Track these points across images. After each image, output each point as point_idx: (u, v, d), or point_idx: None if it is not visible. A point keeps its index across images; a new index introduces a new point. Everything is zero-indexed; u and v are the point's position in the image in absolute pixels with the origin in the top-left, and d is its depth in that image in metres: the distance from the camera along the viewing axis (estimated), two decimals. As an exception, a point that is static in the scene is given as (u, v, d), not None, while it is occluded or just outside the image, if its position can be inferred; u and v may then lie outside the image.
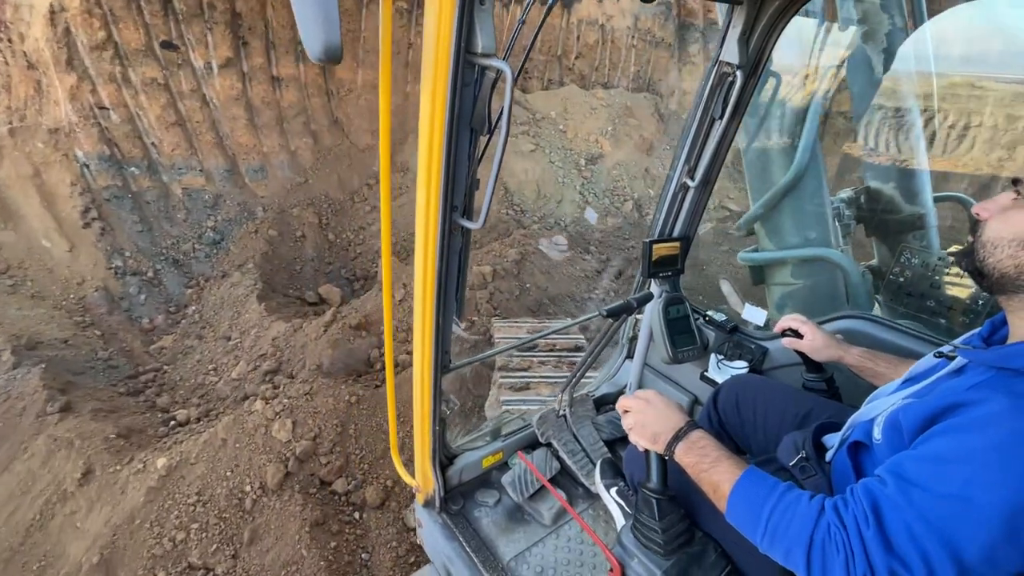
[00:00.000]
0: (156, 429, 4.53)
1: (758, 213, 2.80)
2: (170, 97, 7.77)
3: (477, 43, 0.91)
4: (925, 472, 0.77)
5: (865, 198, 2.69)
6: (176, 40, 7.57)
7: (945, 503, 0.73)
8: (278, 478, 3.47)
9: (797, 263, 2.78)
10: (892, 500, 0.77)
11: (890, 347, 1.51)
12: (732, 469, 0.98)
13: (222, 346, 5.82)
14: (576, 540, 1.69)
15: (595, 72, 11.99)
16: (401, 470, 1.68)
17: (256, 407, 3.93)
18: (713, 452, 1.03)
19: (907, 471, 0.79)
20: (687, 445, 1.07)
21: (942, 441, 0.79)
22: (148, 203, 7.88)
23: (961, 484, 0.73)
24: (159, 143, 7.87)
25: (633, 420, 1.17)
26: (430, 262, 1.15)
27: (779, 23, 1.44)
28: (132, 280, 7.15)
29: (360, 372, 4.60)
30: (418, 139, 1.02)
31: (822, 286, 2.72)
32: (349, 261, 8.47)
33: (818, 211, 2.68)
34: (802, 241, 2.72)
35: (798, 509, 0.85)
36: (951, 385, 0.91)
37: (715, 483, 0.99)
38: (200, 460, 3.59)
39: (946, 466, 0.75)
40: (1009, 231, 0.86)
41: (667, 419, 1.13)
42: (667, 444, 1.10)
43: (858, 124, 2.83)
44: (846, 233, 2.68)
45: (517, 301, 5.34)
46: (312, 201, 8.94)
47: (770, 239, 2.87)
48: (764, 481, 0.93)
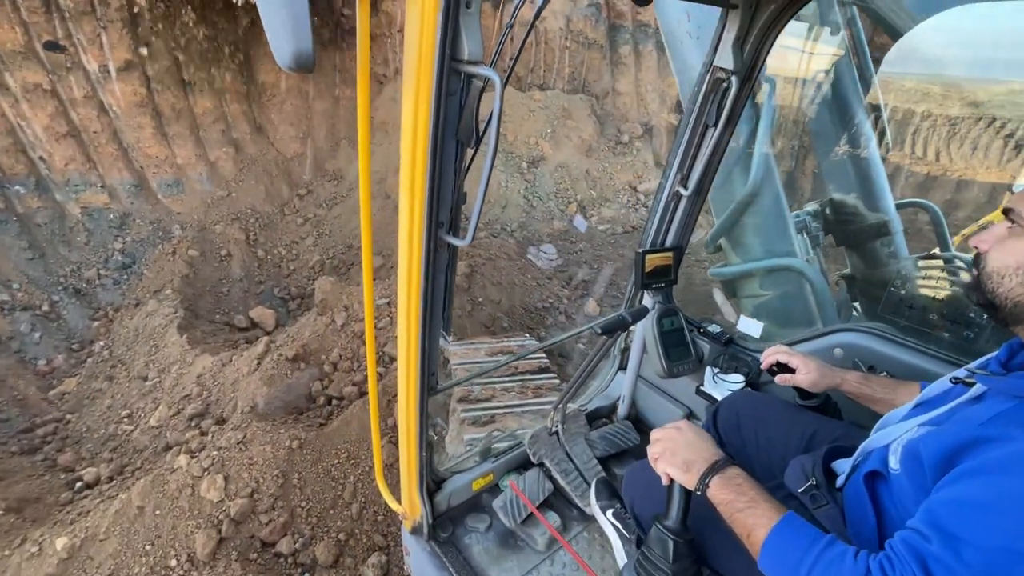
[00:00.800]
0: (58, 495, 3.88)
1: (722, 229, 2.76)
2: (59, 105, 6.85)
3: (463, 50, 0.85)
4: (969, 524, 0.72)
5: (830, 209, 2.70)
6: (63, 40, 6.67)
7: (996, 557, 0.69)
8: (210, 546, 3.01)
9: (764, 274, 2.78)
10: (941, 560, 0.71)
11: (891, 361, 1.48)
12: (770, 513, 0.91)
13: (137, 388, 5.14)
14: (571, 567, 1.62)
15: (531, 74, 11.91)
16: (387, 496, 1.61)
17: (180, 463, 3.42)
18: (750, 491, 0.96)
19: (947, 523, 0.74)
20: (723, 480, 0.99)
21: (975, 485, 0.74)
22: (39, 226, 6.91)
23: (1011, 536, 0.68)
24: (49, 157, 6.92)
25: (662, 448, 1.10)
26: (415, 281, 1.09)
27: (774, 28, 1.31)
28: (23, 316, 6.22)
29: (301, 410, 4.16)
30: (400, 152, 0.96)
31: (792, 296, 2.71)
32: (282, 279, 7.84)
33: (778, 223, 2.69)
34: (766, 253, 2.74)
35: (842, 569, 0.78)
36: (970, 414, 0.88)
37: (750, 527, 0.92)
38: (112, 535, 3.05)
39: (988, 515, 0.71)
40: (1013, 259, 0.86)
41: (701, 449, 1.06)
42: (701, 476, 1.01)
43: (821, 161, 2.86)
44: (815, 245, 2.68)
45: (470, 317, 5.06)
46: (237, 216, 8.21)
47: (735, 253, 2.85)
48: (804, 532, 0.87)
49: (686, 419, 1.12)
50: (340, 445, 3.62)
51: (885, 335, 1.49)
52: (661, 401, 2.10)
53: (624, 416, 2.21)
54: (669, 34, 2.44)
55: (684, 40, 2.37)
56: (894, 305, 1.85)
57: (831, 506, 1.09)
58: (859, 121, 2.62)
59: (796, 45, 2.45)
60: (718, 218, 2.72)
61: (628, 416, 2.22)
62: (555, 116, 11.08)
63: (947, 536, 0.72)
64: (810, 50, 2.47)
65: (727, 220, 2.69)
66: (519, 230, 8.56)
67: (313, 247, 8.16)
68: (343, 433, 3.68)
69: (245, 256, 7.77)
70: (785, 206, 2.62)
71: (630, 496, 1.48)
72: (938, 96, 10.20)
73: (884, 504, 0.99)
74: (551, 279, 6.79)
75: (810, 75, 2.62)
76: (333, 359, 4.53)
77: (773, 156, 2.66)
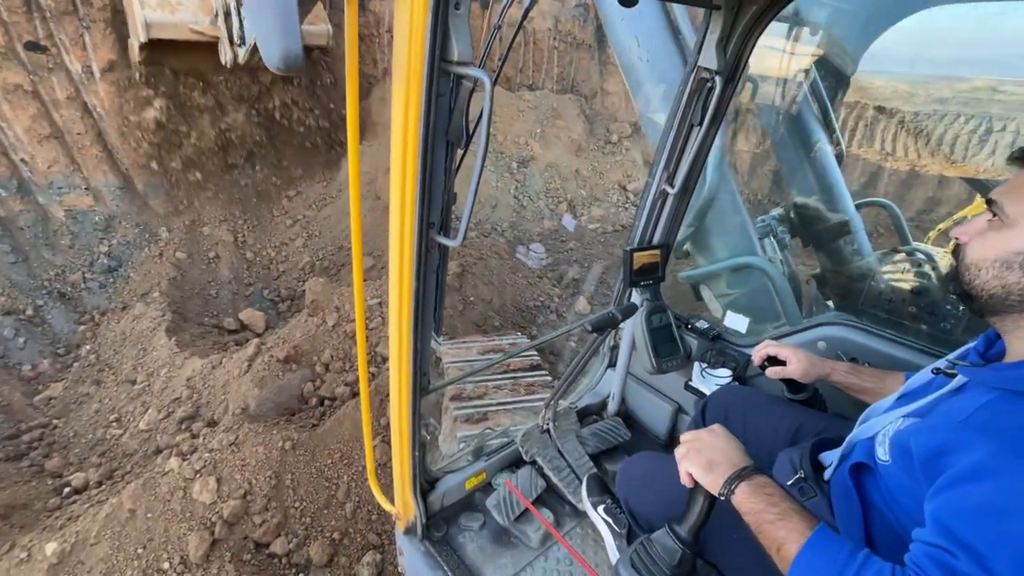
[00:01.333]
0: (46, 501, 3.83)
1: (687, 234, 2.84)
2: (41, 106, 6.74)
3: (453, 51, 0.86)
4: (988, 533, 0.70)
5: (794, 212, 2.79)
6: (44, 41, 6.57)
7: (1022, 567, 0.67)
8: (203, 548, 3.00)
9: (729, 273, 2.87)
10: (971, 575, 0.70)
11: (872, 352, 1.53)
12: (801, 527, 0.88)
13: (126, 391, 5.08)
14: (566, 563, 1.64)
15: (520, 74, 11.94)
16: (380, 497, 1.60)
17: (171, 465, 3.40)
18: (782, 503, 0.93)
19: (968, 536, 0.72)
20: (751, 488, 0.96)
21: (981, 490, 0.73)
22: (22, 229, 6.80)
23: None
24: (31, 159, 6.81)
25: (688, 448, 1.06)
26: (406, 282, 1.10)
27: (757, 28, 1.35)
28: (6, 321, 6.12)
29: (293, 411, 4.14)
30: (391, 153, 0.96)
31: (758, 293, 2.80)
32: (272, 281, 7.79)
33: (737, 223, 2.79)
34: (729, 253, 2.83)
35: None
36: (953, 406, 0.89)
37: (780, 540, 0.89)
38: (103, 539, 3.03)
39: (1006, 521, 0.70)
40: (991, 252, 0.87)
41: (729, 453, 1.03)
42: (726, 480, 0.98)
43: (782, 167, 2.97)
44: (783, 247, 2.77)
45: (461, 316, 5.08)
46: (225, 217, 8.14)
47: (701, 256, 2.94)
48: (838, 550, 0.83)
49: (671, 428, 1.12)
50: (333, 445, 3.62)
51: (866, 328, 1.54)
52: (650, 397, 2.14)
53: (614, 412, 2.24)
54: (621, 56, 2.55)
55: (636, 64, 2.47)
56: (857, 298, 1.94)
57: (819, 498, 1.11)
58: (815, 135, 2.72)
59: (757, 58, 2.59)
60: (683, 225, 2.81)
61: (618, 412, 2.25)
62: (544, 116, 11.12)
63: (972, 551, 0.72)
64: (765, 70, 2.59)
65: (690, 225, 2.77)
66: (510, 230, 8.58)
67: (303, 248, 8.11)
68: (336, 433, 3.68)
69: (233, 258, 7.71)
70: (742, 206, 2.73)
71: (625, 492, 1.50)
72: (905, 94, 10.47)
73: (871, 495, 1.00)
74: (542, 278, 6.82)
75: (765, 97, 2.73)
76: (325, 360, 4.53)
77: (727, 159, 2.76)
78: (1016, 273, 0.84)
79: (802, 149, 2.75)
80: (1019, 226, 0.85)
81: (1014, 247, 0.85)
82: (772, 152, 3.12)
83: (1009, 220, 0.86)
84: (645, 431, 2.20)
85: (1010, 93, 9.66)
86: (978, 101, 9.93)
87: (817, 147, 2.68)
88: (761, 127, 3.21)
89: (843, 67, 2.58)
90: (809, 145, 2.70)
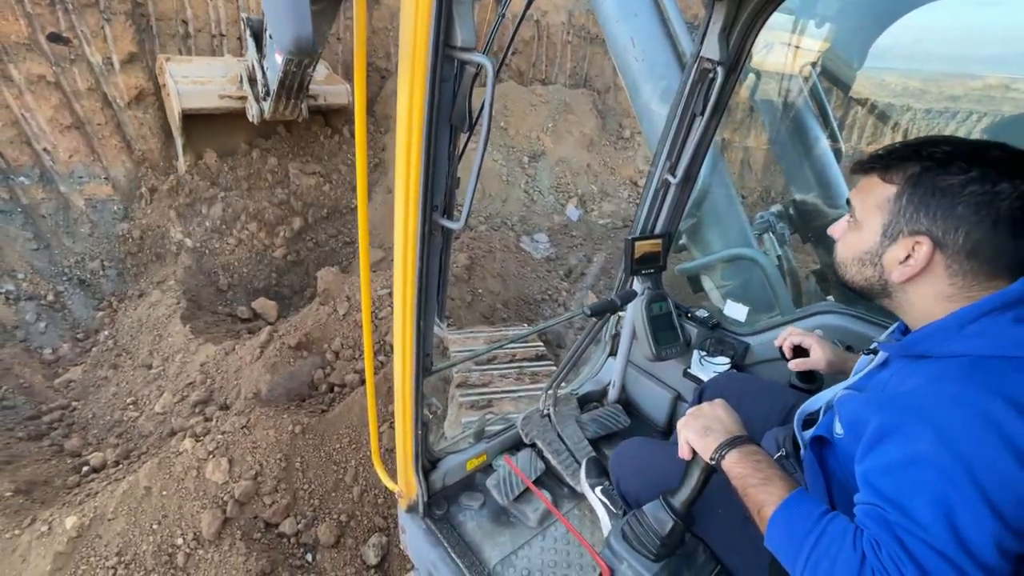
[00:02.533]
0: (65, 479, 3.96)
1: (684, 227, 2.86)
2: (63, 97, 6.89)
3: (456, 36, 0.87)
4: (902, 484, 0.78)
5: (793, 209, 2.80)
6: (66, 32, 6.71)
7: (940, 509, 0.73)
8: (215, 526, 3.09)
9: (724, 265, 2.90)
10: (904, 527, 0.76)
11: (867, 341, 1.54)
12: (782, 492, 0.93)
13: (142, 376, 5.22)
14: (563, 541, 1.69)
15: (532, 68, 11.92)
16: (383, 476, 1.65)
17: (185, 446, 3.50)
18: (767, 469, 0.98)
19: (889, 490, 0.79)
20: (741, 454, 1.01)
21: (889, 447, 0.81)
22: (44, 217, 6.97)
23: (941, 484, 0.74)
24: (53, 149, 6.97)
25: (689, 415, 1.13)
26: (410, 264, 1.13)
27: (759, 19, 1.37)
28: (28, 306, 6.30)
29: (303, 397, 4.23)
30: (396, 137, 0.99)
31: (753, 284, 2.82)
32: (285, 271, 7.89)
33: (731, 216, 2.82)
34: (723, 245, 2.86)
35: (840, 553, 0.80)
36: (880, 379, 0.98)
37: (761, 502, 0.94)
38: (119, 514, 3.14)
39: (912, 470, 0.77)
40: (850, 252, 0.98)
41: (726, 421, 1.09)
42: (719, 446, 1.04)
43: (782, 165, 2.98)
44: (782, 243, 2.79)
45: (469, 308, 5.13)
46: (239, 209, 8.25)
47: (697, 248, 2.97)
48: (810, 510, 0.88)
49: (671, 415, 1.17)
50: (342, 430, 3.69)
51: (862, 316, 1.55)
52: (650, 385, 2.17)
53: (615, 400, 2.28)
54: (618, 57, 2.58)
55: (631, 64, 2.50)
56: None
57: (798, 474, 1.15)
58: (814, 135, 2.73)
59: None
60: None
61: (618, 400, 2.28)
62: (556, 110, 11.09)
63: (895, 503, 0.78)
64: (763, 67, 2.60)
65: (686, 218, 2.80)
66: (519, 224, 8.61)
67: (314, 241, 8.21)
68: (345, 419, 3.75)
69: (248, 248, 7.83)
70: (736, 199, 2.75)
71: (617, 474, 1.54)
72: (917, 91, 10.27)
73: (831, 467, 1.06)
74: (550, 272, 6.85)
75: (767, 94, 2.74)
76: (335, 348, 4.61)
77: (720, 152, 2.77)
78: (870, 268, 0.95)
79: (802, 146, 2.77)
80: (865, 227, 0.94)
81: (864, 247, 0.95)
82: (771, 148, 3.13)
83: (858, 223, 0.96)
84: (644, 418, 2.23)
85: (1023, 91, 9.47)
86: (991, 99, 9.73)
87: (817, 144, 2.69)
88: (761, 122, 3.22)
89: (848, 63, 2.57)
90: (808, 142, 2.72)
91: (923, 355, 0.88)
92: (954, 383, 0.79)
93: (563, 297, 6.33)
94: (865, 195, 0.95)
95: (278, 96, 6.27)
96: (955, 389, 0.78)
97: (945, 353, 0.84)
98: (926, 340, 0.88)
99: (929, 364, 0.86)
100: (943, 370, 0.83)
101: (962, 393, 0.77)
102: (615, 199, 10.39)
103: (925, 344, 0.88)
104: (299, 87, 6.22)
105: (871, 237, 0.93)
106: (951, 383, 0.79)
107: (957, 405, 0.76)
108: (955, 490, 0.72)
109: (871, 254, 0.94)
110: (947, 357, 0.84)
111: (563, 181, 10.13)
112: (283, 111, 6.63)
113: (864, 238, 0.94)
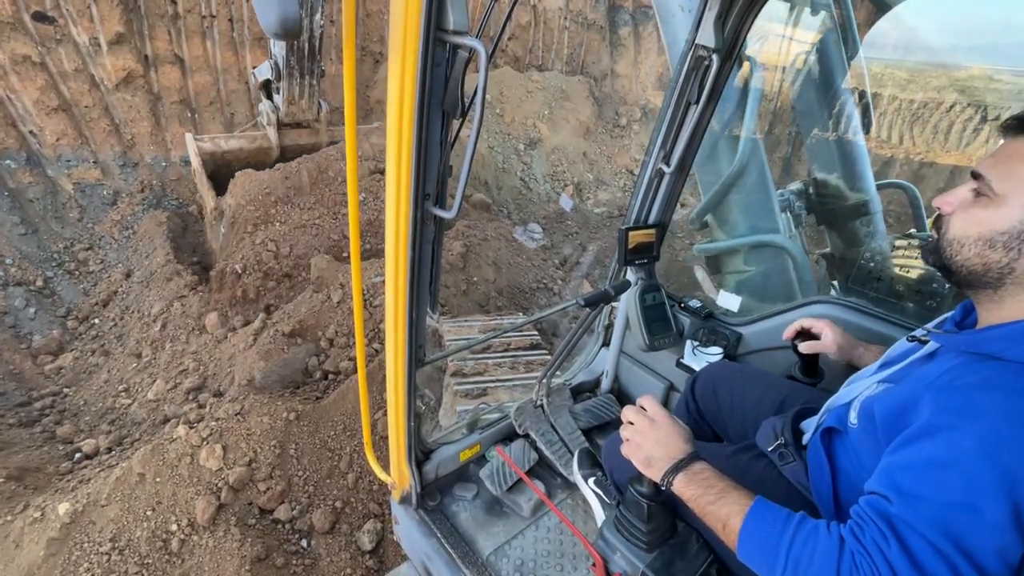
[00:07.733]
0: (57, 465, 3.95)
1: (709, 206, 2.82)
2: (49, 78, 6.75)
3: (448, 20, 0.85)
4: (927, 481, 0.75)
5: (813, 189, 2.75)
6: (52, 11, 6.55)
7: (952, 512, 0.72)
8: (210, 512, 3.10)
9: (748, 250, 2.84)
10: (903, 518, 0.74)
11: (860, 331, 1.53)
12: (742, 501, 0.91)
13: (134, 363, 5.19)
14: (556, 531, 1.69)
15: (529, 54, 11.79)
16: (375, 467, 1.63)
17: (179, 433, 3.49)
18: (718, 483, 0.97)
19: (904, 483, 0.77)
20: (688, 477, 1.00)
21: (931, 444, 0.77)
22: (31, 201, 6.88)
23: (960, 490, 0.72)
24: (39, 131, 6.85)
25: (630, 436, 1.11)
26: (402, 253, 1.10)
27: (755, 5, 1.35)
28: (17, 291, 6.22)
29: (298, 384, 4.23)
30: (386, 123, 0.97)
31: (774, 272, 2.78)
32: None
33: (764, 200, 2.74)
34: (751, 230, 2.78)
35: (818, 544, 0.81)
36: (924, 371, 0.91)
37: (724, 517, 0.92)
38: (113, 501, 3.13)
39: (944, 472, 0.74)
40: (975, 230, 0.84)
41: (668, 446, 1.06)
42: (664, 473, 1.03)
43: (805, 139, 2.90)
44: (798, 224, 2.74)
45: (464, 296, 5.12)
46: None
47: (721, 230, 2.91)
48: (777, 512, 0.88)
49: (662, 405, 1.13)
50: (336, 418, 3.70)
51: (857, 307, 1.55)
52: (643, 375, 2.17)
53: (607, 390, 2.28)
54: (661, 6, 2.46)
55: (676, 13, 2.39)
56: (864, 279, 1.93)
57: (797, 463, 1.14)
58: (843, 100, 2.66)
59: (779, 23, 2.49)
60: (705, 195, 2.77)
61: (611, 390, 2.29)
62: (553, 97, 11.00)
63: (905, 495, 0.75)
64: (791, 33, 2.51)
65: (714, 197, 2.74)
66: (516, 212, 8.58)
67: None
68: (339, 406, 3.76)
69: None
70: (771, 185, 2.68)
71: (609, 464, 1.53)
72: (902, 81, 10.28)
73: (839, 459, 1.03)
74: (545, 260, 6.84)
75: (792, 56, 2.65)
76: (329, 335, 4.60)
77: (759, 135, 2.71)
78: (999, 252, 0.81)
79: (827, 112, 2.66)
80: (1007, 204, 0.80)
81: (1000, 226, 0.80)
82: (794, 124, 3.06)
83: (997, 197, 0.81)
84: None
85: (1005, 82, 9.49)
86: (975, 89, 9.76)
87: (843, 117, 2.59)
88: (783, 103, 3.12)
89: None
90: (835, 114, 2.61)
91: (993, 356, 0.80)
92: (1021, 397, 0.73)
93: (558, 286, 6.33)
94: (1015, 164, 0.80)
95: (290, 76, 6.00)
96: (1020, 403, 0.72)
97: (1021, 359, 0.77)
98: (1002, 340, 0.80)
99: (996, 367, 0.79)
100: (1013, 379, 0.76)
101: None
102: (611, 188, 10.37)
103: (999, 344, 0.80)
104: (311, 54, 5.87)
105: (1015, 215, 0.78)
106: (1019, 397, 0.73)
107: (1017, 419, 0.71)
108: (983, 499, 0.70)
109: (1010, 236, 0.79)
110: (1021, 363, 0.77)
111: (559, 169, 10.08)
112: (299, 103, 6.39)
113: (1003, 216, 0.79)
